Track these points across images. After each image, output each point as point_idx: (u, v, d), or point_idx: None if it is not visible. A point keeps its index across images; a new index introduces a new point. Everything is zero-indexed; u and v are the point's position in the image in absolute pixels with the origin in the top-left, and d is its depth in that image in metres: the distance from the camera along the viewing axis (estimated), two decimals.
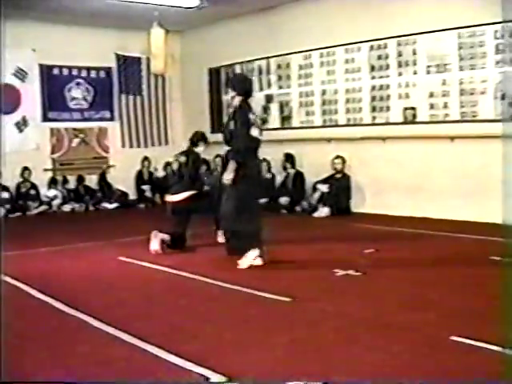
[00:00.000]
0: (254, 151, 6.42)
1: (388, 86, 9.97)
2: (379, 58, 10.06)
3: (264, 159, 9.83)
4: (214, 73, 13.08)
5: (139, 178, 12.96)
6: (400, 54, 9.75)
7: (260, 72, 11.98)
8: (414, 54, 9.56)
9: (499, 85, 8.52)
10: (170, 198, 7.65)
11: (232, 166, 6.23)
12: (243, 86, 6.50)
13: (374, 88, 10.18)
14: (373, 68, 10.16)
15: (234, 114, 6.42)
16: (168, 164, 12.76)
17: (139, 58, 13.12)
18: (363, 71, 10.29)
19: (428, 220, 9.07)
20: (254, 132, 6.32)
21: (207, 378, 3.43)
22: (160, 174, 13.01)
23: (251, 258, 6.21)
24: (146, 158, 13.02)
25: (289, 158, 11.04)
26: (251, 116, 6.33)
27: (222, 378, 3.42)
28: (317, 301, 4.97)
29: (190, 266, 6.36)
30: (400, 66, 9.77)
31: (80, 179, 12.41)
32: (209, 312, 4.76)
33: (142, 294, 5.39)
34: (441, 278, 5.65)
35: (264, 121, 11.31)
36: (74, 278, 6.06)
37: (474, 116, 8.89)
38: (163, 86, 13.51)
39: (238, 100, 6.39)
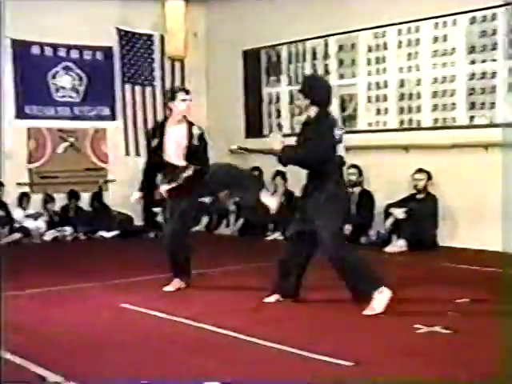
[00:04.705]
0: (340, 171, 6.84)
1: (494, 74, 9.98)
2: (482, 34, 10.07)
3: None
4: (251, 56, 13.21)
5: (148, 198, 13.03)
6: None
7: (314, 56, 12.08)
8: None
9: None
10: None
11: None
12: (322, 95, 6.73)
13: (473, 76, 10.19)
14: (473, 49, 10.18)
15: (310, 128, 6.66)
16: None
17: (150, 36, 13.34)
18: (459, 53, 10.33)
19: None
20: (341, 151, 6.73)
21: None
22: None
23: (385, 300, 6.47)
24: None
25: (355, 172, 11.08)
26: (337, 131, 6.69)
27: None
28: (390, 367, 4.95)
29: (216, 316, 6.41)
30: None
31: (71, 197, 12.60)
32: (239, 380, 4.77)
33: (150, 355, 5.42)
34: None
35: None
36: (58, 333, 6.09)
37: None
38: (182, 74, 13.67)
39: (313, 111, 6.62)
